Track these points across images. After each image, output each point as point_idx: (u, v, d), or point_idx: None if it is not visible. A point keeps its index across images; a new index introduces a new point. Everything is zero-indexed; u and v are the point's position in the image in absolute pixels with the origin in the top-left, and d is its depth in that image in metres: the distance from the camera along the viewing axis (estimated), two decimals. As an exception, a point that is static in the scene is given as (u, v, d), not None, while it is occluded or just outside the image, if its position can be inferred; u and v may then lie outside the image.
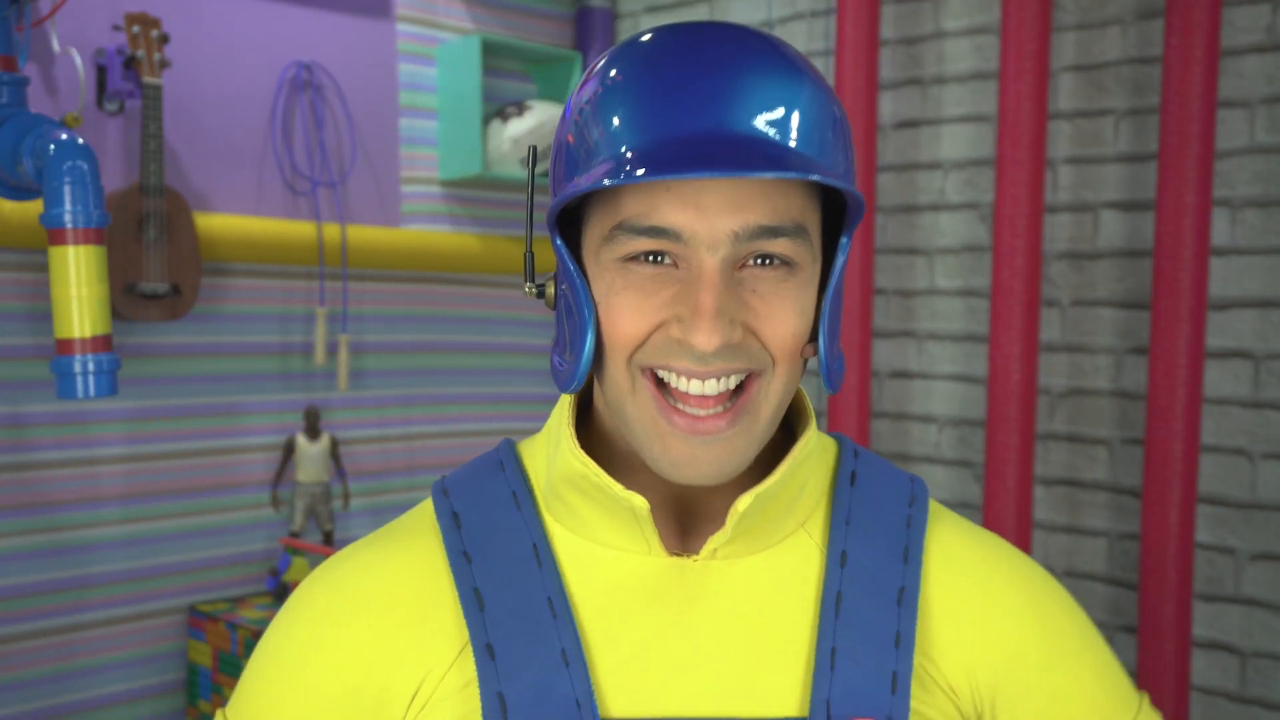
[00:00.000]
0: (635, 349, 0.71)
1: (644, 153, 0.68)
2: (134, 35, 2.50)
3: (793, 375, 0.73)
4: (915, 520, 0.82)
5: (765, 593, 0.77)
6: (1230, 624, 2.42)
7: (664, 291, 0.70)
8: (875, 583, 0.78)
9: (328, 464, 2.92)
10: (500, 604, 0.76)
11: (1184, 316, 2.30)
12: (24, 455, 2.53)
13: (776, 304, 0.71)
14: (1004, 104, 2.48)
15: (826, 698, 0.74)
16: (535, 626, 0.76)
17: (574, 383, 0.73)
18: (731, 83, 0.69)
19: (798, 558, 0.79)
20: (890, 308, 2.91)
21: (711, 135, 0.68)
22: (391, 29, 3.07)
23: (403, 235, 3.03)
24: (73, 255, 1.57)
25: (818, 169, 0.67)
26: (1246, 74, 2.37)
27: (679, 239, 0.69)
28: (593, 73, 0.75)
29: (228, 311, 2.82)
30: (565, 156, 0.74)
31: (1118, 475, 2.57)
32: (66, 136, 1.59)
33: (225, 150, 2.80)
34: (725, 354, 0.69)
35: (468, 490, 0.82)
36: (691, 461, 0.71)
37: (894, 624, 0.77)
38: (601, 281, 0.72)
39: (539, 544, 0.78)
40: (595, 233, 0.73)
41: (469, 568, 0.78)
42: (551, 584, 0.77)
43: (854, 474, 0.84)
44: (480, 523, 0.80)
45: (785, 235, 0.70)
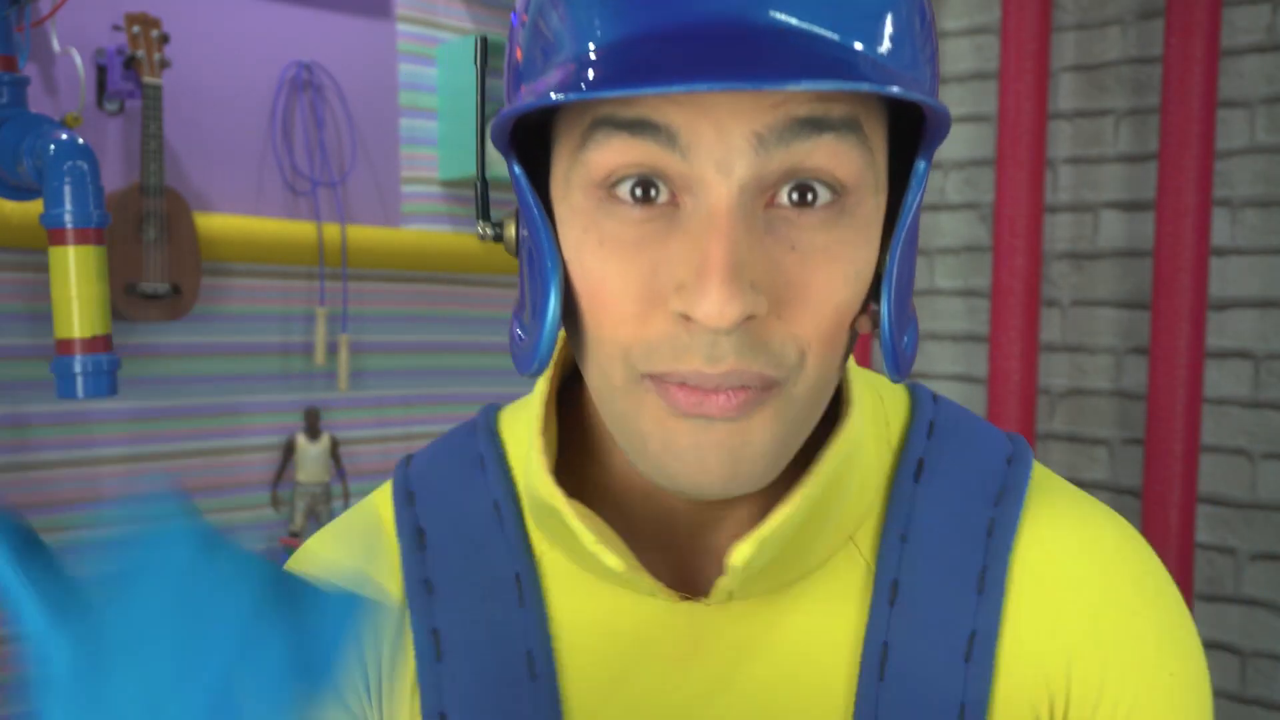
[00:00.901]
0: (629, 345, 0.50)
1: (618, 50, 0.46)
2: (134, 35, 2.50)
3: (831, 365, 0.52)
4: (1001, 526, 0.58)
5: (796, 644, 0.57)
6: (1230, 624, 2.42)
7: (658, 247, 0.49)
8: (936, 628, 0.56)
9: (328, 464, 2.92)
10: (464, 654, 0.59)
11: (1184, 316, 2.30)
12: (24, 455, 2.53)
13: (820, 264, 0.49)
14: (1004, 104, 2.48)
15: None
16: (508, 690, 0.58)
17: (533, 364, 0.53)
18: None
19: (842, 587, 0.58)
20: (890, 308, 2.91)
21: (718, 23, 0.45)
22: (391, 29, 3.07)
23: (403, 235, 3.03)
24: (72, 255, 1.57)
25: (883, 76, 0.45)
26: (1246, 74, 2.37)
27: (675, 144, 0.47)
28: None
29: (228, 311, 2.82)
30: (518, 53, 0.52)
31: (1118, 475, 2.57)
32: (66, 136, 1.59)
33: (225, 150, 2.80)
34: (741, 343, 0.48)
35: (440, 497, 0.63)
36: (697, 453, 0.50)
37: (959, 687, 0.56)
38: (574, 228, 0.51)
39: (522, 574, 0.59)
40: (565, 148, 0.51)
41: (428, 601, 0.60)
42: (534, 631, 0.58)
43: (921, 462, 0.60)
44: (451, 543, 0.61)
45: (834, 131, 0.47)
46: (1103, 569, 0.58)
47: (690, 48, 0.44)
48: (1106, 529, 0.60)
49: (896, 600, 0.57)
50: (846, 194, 0.49)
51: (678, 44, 0.44)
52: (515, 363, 0.55)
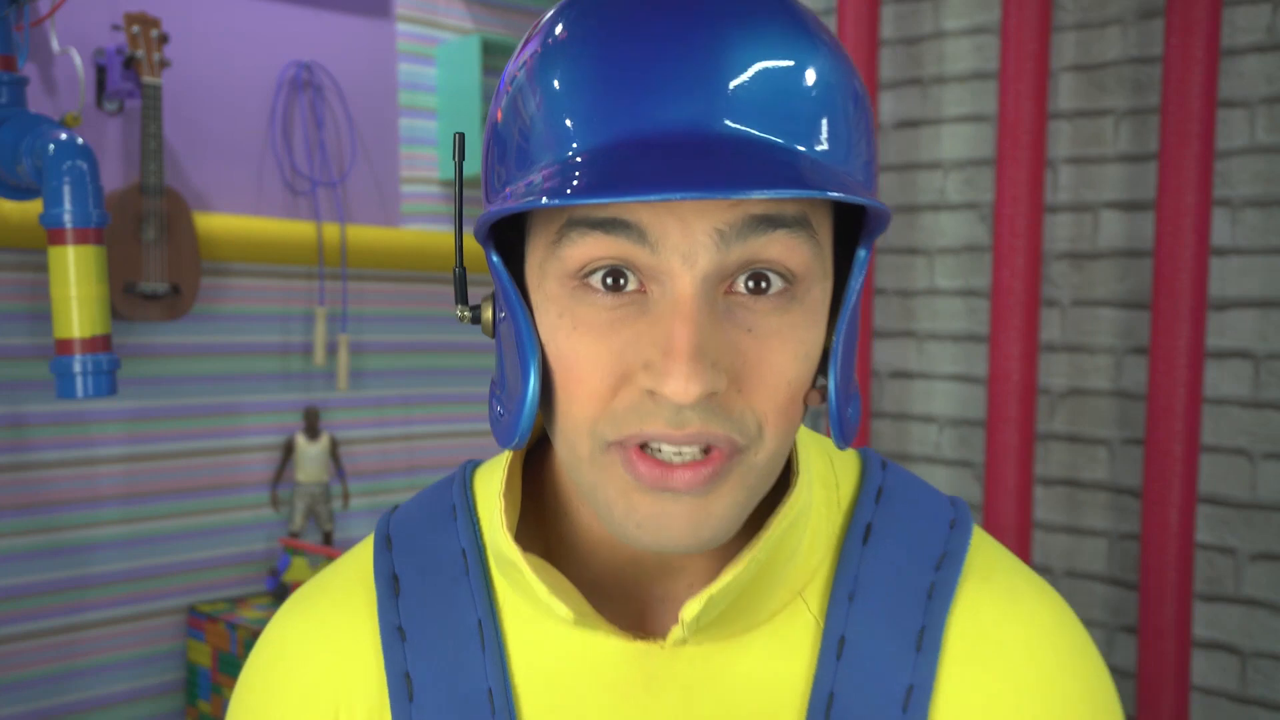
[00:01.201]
0: (597, 415, 0.55)
1: (596, 158, 0.51)
2: (133, 35, 2.50)
3: (787, 434, 0.57)
4: (940, 590, 0.63)
5: (745, 688, 0.62)
6: (1230, 624, 2.42)
7: (627, 330, 0.53)
8: (878, 681, 0.61)
9: (327, 464, 2.92)
10: (432, 694, 0.64)
11: (1184, 316, 2.30)
12: (24, 455, 2.53)
13: (773, 345, 0.54)
14: (1004, 104, 2.48)
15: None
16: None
17: (514, 439, 0.57)
18: (711, 56, 0.51)
19: (789, 641, 0.63)
20: (890, 308, 2.91)
21: (690, 137, 0.50)
22: (391, 29, 3.07)
23: (402, 235, 3.03)
24: (72, 255, 1.57)
25: (826, 180, 0.51)
26: (1246, 74, 2.37)
27: (644, 240, 0.52)
28: (536, 29, 0.57)
29: (227, 311, 2.82)
30: (497, 147, 0.57)
31: (1118, 475, 2.57)
32: (66, 136, 1.59)
33: (225, 150, 2.79)
34: (705, 412, 0.53)
35: (413, 543, 0.68)
36: (660, 521, 0.54)
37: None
38: (549, 314, 0.55)
39: (484, 620, 0.64)
40: (540, 241, 0.56)
41: (401, 647, 0.65)
42: (494, 672, 0.63)
43: (869, 526, 0.65)
44: (422, 590, 0.66)
45: (786, 228, 0.53)
46: (1027, 635, 0.64)
47: (659, 157, 0.49)
48: (1034, 599, 0.65)
49: (843, 654, 0.62)
50: (796, 282, 0.55)
51: (648, 152, 0.50)
52: (496, 437, 0.60)
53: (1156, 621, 2.35)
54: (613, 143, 0.51)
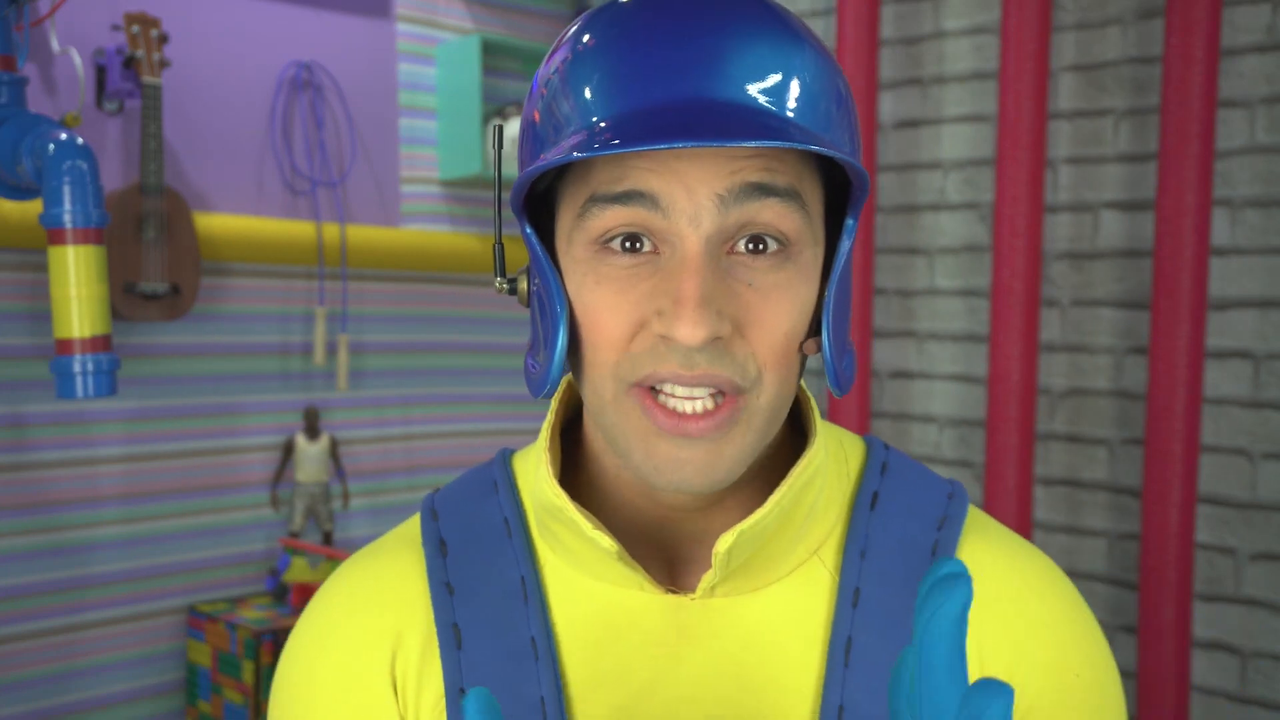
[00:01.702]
0: (618, 358, 0.63)
1: (616, 123, 0.60)
2: (133, 35, 2.50)
3: (786, 380, 0.64)
4: (942, 546, 0.71)
5: (770, 635, 0.68)
6: (1230, 624, 2.42)
7: (643, 284, 0.62)
8: (891, 625, 0.68)
9: (327, 464, 2.92)
10: (479, 643, 0.70)
11: (1184, 316, 2.30)
12: (24, 455, 2.53)
13: (773, 297, 0.62)
14: (1004, 104, 2.48)
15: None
16: (515, 669, 0.69)
17: (545, 387, 0.66)
18: (720, 44, 0.61)
19: (808, 593, 0.69)
20: (890, 308, 2.91)
21: (694, 102, 0.59)
22: (391, 29, 3.07)
23: (402, 235, 3.03)
24: (72, 255, 1.57)
25: (815, 139, 0.59)
26: (1246, 74, 2.37)
27: (656, 206, 0.61)
28: (563, 39, 0.66)
29: (227, 311, 2.82)
30: (531, 134, 0.66)
31: (1118, 475, 2.57)
32: (66, 136, 1.59)
33: (225, 150, 2.79)
34: (711, 354, 0.61)
35: (458, 513, 0.75)
36: (676, 464, 0.62)
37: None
38: (575, 274, 0.64)
39: (527, 577, 0.71)
40: (567, 215, 0.65)
41: (450, 601, 0.71)
42: (536, 622, 0.69)
43: (876, 494, 0.72)
44: (468, 552, 0.73)
45: (777, 196, 0.61)
46: (1024, 583, 0.71)
47: (668, 119, 0.58)
48: (1028, 556, 0.73)
49: (858, 603, 0.69)
50: (790, 244, 0.63)
51: (660, 114, 0.59)
52: (530, 388, 0.69)
53: (1156, 621, 2.35)
54: (629, 110, 0.60)
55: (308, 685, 0.73)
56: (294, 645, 0.75)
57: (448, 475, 3.24)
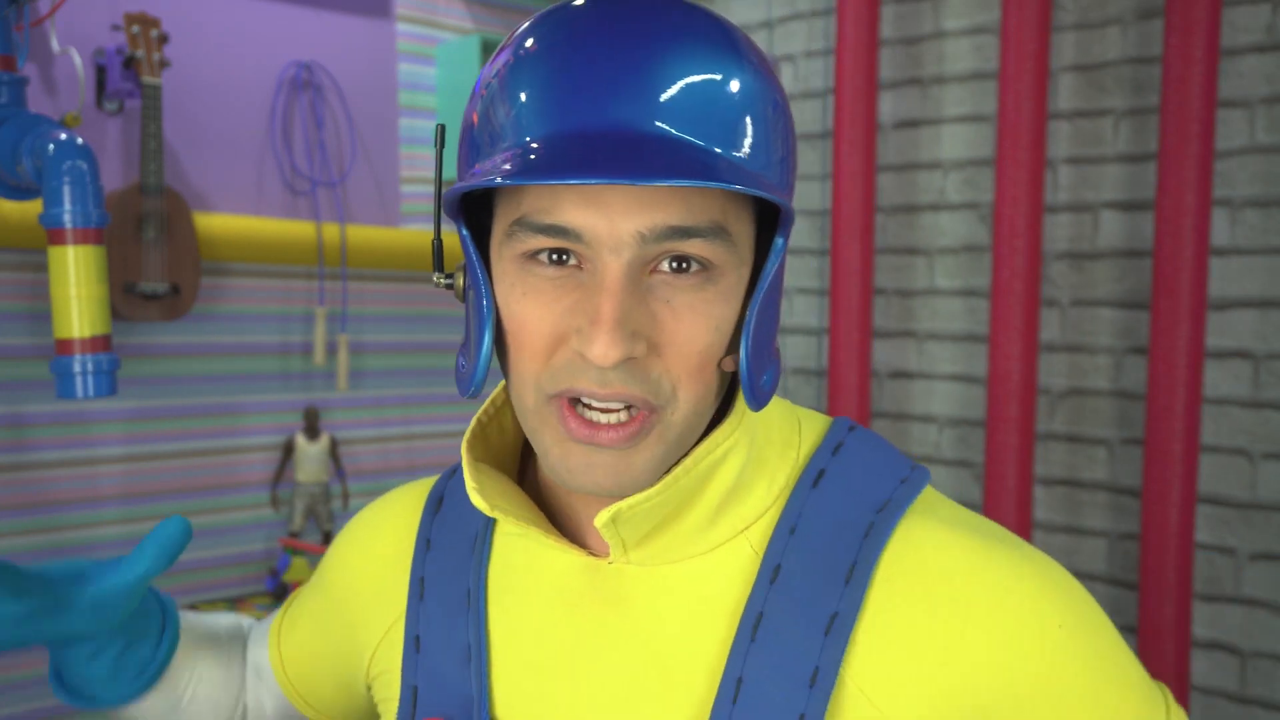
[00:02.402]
0: (539, 370, 0.65)
1: (545, 145, 0.60)
2: (133, 35, 2.50)
3: (702, 396, 0.66)
4: (877, 529, 0.69)
5: (682, 605, 0.70)
6: (1230, 624, 2.42)
7: (565, 299, 0.64)
8: (805, 605, 0.68)
9: (327, 464, 2.92)
10: (435, 594, 0.79)
11: (1184, 316, 2.30)
12: (24, 455, 2.53)
13: (687, 318, 0.63)
14: (1004, 104, 2.48)
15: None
16: (454, 616, 0.77)
17: (473, 387, 0.68)
18: (653, 70, 0.61)
19: (729, 569, 0.70)
20: (890, 308, 2.91)
21: (621, 134, 0.60)
22: (391, 29, 3.07)
23: (402, 235, 3.03)
24: (72, 255, 1.57)
25: (737, 177, 0.59)
26: (1246, 74, 2.37)
27: (580, 239, 0.62)
28: (509, 40, 0.67)
29: (227, 311, 2.82)
30: (469, 137, 0.67)
31: (1118, 475, 2.57)
32: (66, 136, 1.59)
33: (225, 150, 2.79)
34: (626, 374, 0.62)
35: (460, 478, 0.84)
36: (588, 469, 0.65)
37: (814, 657, 0.66)
38: (504, 282, 0.66)
39: (480, 533, 0.79)
40: (499, 226, 0.67)
41: (425, 555, 0.81)
42: (475, 574, 0.77)
43: (822, 472, 0.73)
44: (452, 510, 0.82)
45: (700, 236, 0.62)
46: (954, 567, 0.68)
47: (595, 150, 0.59)
48: (980, 535, 0.70)
49: (776, 580, 0.69)
50: (713, 268, 0.64)
51: (587, 144, 0.59)
52: (459, 386, 0.71)
53: (1156, 621, 2.35)
54: (558, 132, 0.61)
55: (354, 535, 0.88)
56: (339, 537, 0.91)
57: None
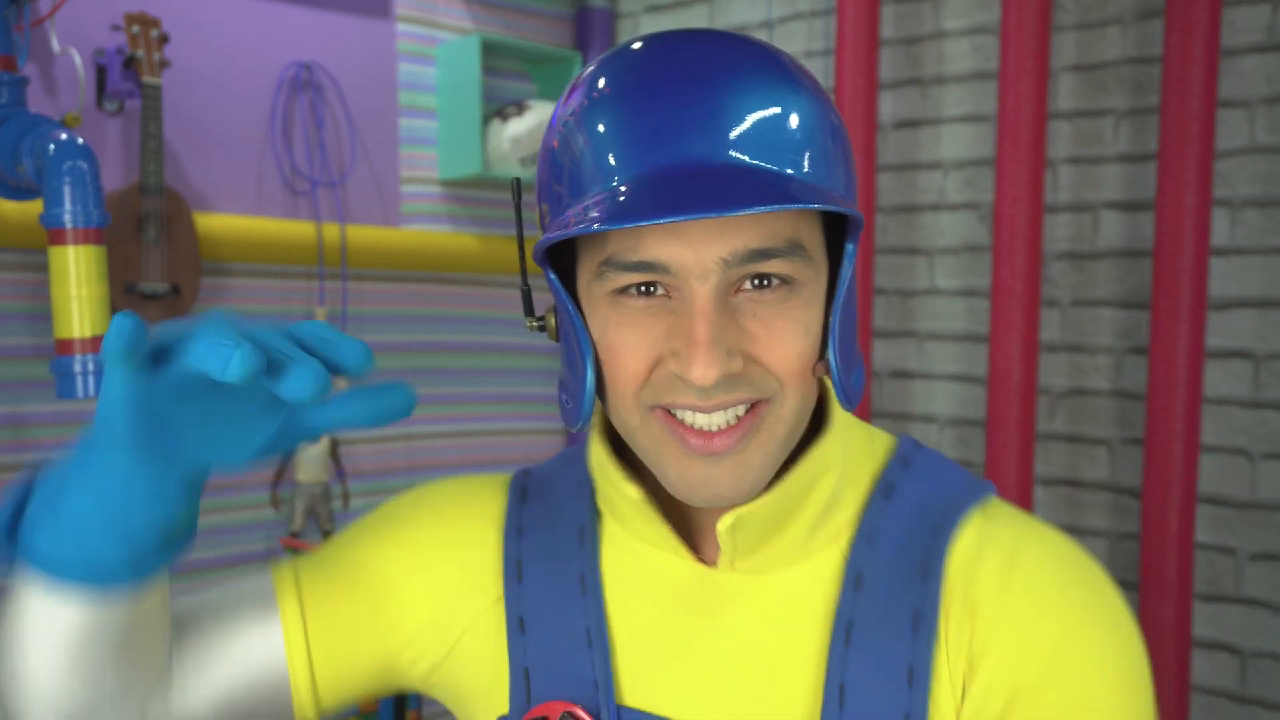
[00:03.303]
0: (639, 388, 0.69)
1: (629, 191, 0.64)
2: (134, 35, 2.50)
3: (806, 394, 0.70)
4: (943, 528, 0.73)
5: (782, 612, 0.74)
6: (1230, 624, 2.42)
7: (659, 325, 0.68)
8: (890, 608, 0.72)
9: (327, 464, 2.92)
10: (537, 578, 0.80)
11: (1184, 316, 2.30)
12: (24, 455, 2.53)
13: (778, 327, 0.68)
14: (1004, 104, 2.48)
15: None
16: (566, 601, 0.78)
17: (580, 421, 0.72)
18: (715, 103, 0.66)
19: (821, 576, 0.75)
20: (890, 308, 2.91)
21: (695, 168, 0.64)
22: (391, 29, 3.07)
23: (403, 235, 3.03)
24: (72, 255, 1.57)
25: (809, 195, 0.64)
26: (1246, 74, 2.37)
27: (667, 271, 0.66)
28: (580, 81, 0.72)
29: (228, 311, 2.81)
30: (550, 189, 0.71)
31: (1118, 475, 2.57)
32: (66, 136, 1.59)
33: (225, 150, 2.79)
34: (726, 386, 0.67)
35: (546, 473, 0.87)
36: (708, 482, 0.69)
37: (908, 657, 0.70)
38: (597, 316, 0.70)
39: (585, 527, 0.81)
40: (586, 267, 0.71)
41: (518, 540, 0.82)
42: (587, 563, 0.79)
43: (892, 485, 0.77)
44: (543, 502, 0.84)
45: (779, 256, 0.67)
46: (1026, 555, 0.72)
47: (676, 189, 0.63)
48: (1036, 530, 0.74)
49: (860, 587, 0.73)
50: (793, 281, 0.68)
51: (668, 186, 0.63)
52: (566, 420, 0.75)
53: (1156, 621, 2.35)
54: (641, 175, 0.65)
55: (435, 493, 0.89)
56: (420, 495, 0.90)
57: (448, 475, 3.24)
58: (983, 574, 0.71)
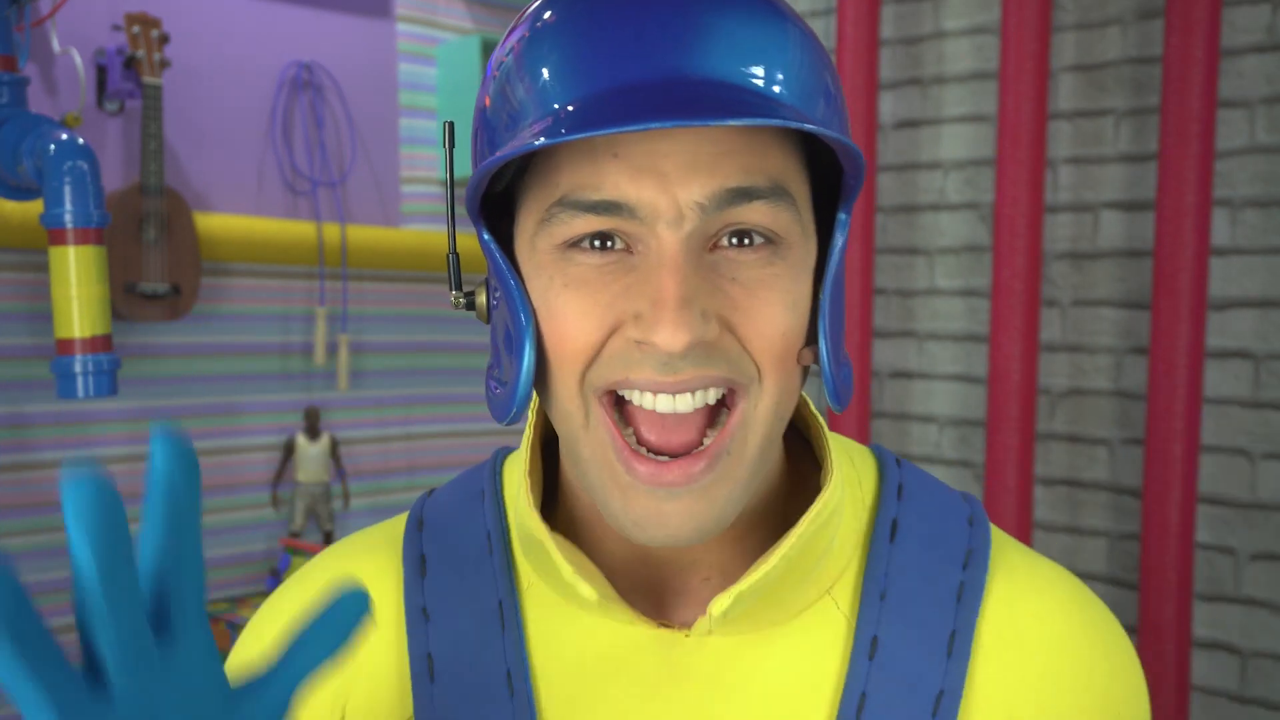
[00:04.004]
0: (586, 365, 0.55)
1: (582, 106, 0.52)
2: (134, 35, 2.50)
3: (787, 389, 0.57)
4: (969, 590, 0.62)
5: (771, 682, 0.61)
6: (1230, 624, 2.42)
7: (616, 284, 0.55)
8: (910, 683, 0.60)
9: (328, 464, 2.92)
10: (453, 674, 0.63)
11: (1184, 316, 2.30)
12: (24, 455, 2.53)
13: (761, 294, 0.55)
14: (1004, 104, 2.48)
15: None
16: (489, 707, 0.61)
17: (512, 409, 0.58)
18: (696, 17, 0.53)
19: (819, 637, 0.62)
20: (890, 308, 2.91)
21: (668, 80, 0.52)
22: (391, 29, 3.07)
23: (403, 235, 3.03)
24: (72, 255, 1.57)
25: (804, 118, 0.52)
26: (1246, 74, 2.37)
27: (634, 214, 0.54)
28: (521, 17, 0.59)
29: (228, 311, 2.82)
30: (484, 124, 0.58)
31: (1118, 475, 2.57)
32: (66, 136, 1.59)
33: (225, 150, 2.79)
34: (697, 357, 0.54)
35: (444, 524, 0.68)
36: (659, 520, 0.55)
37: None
38: (539, 279, 0.57)
39: (504, 601, 0.64)
40: (530, 217, 0.57)
41: (425, 628, 0.64)
42: (512, 654, 0.62)
43: (895, 523, 0.65)
44: (447, 571, 0.66)
45: (762, 198, 0.54)
46: (1057, 631, 0.63)
47: (640, 99, 0.51)
48: (1061, 593, 0.65)
49: (875, 655, 0.61)
50: (779, 240, 0.56)
51: (630, 96, 0.51)
52: (494, 412, 0.61)
53: (1156, 621, 2.35)
54: (595, 92, 0.53)
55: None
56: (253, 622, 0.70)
57: (448, 475, 3.24)
58: (1019, 656, 0.63)
